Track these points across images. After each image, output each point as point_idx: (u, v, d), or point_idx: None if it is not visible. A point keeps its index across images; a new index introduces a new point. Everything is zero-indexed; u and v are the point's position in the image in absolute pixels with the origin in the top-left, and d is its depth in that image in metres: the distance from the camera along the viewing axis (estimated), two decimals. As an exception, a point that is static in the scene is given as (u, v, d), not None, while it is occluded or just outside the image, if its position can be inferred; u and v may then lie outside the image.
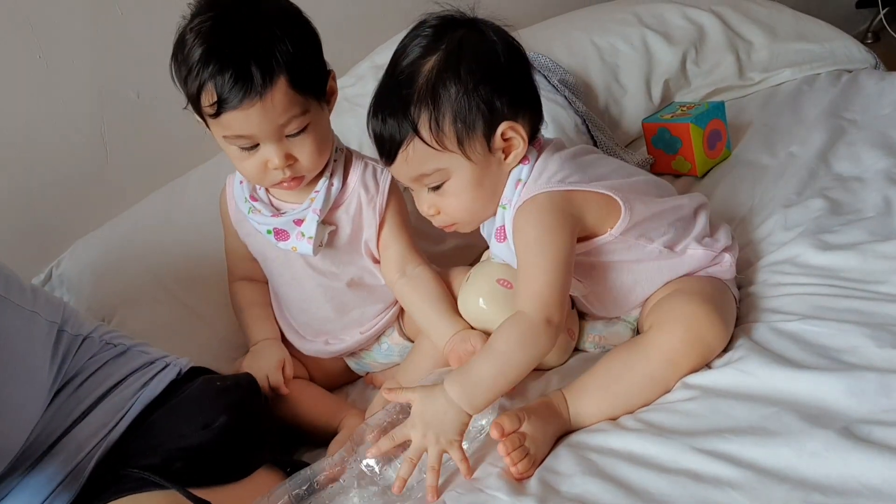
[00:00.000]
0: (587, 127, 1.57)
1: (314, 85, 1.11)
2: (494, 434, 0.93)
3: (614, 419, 0.97)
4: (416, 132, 1.00)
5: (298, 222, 1.18)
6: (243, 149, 1.10)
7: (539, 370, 1.12)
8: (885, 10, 2.68)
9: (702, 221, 1.11)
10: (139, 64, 1.59)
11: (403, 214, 1.24)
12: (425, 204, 1.08)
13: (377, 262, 1.25)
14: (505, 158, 1.05)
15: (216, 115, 1.06)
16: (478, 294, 1.14)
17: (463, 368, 0.98)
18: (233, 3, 1.09)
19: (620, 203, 1.03)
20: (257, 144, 1.09)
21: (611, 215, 1.04)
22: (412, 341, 1.28)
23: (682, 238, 1.08)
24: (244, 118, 1.05)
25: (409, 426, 0.96)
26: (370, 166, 1.22)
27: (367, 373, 1.36)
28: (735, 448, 0.84)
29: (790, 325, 1.00)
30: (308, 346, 1.29)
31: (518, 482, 0.91)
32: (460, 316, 1.17)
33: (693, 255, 1.08)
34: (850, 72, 1.77)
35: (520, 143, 1.04)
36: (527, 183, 1.05)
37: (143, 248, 1.48)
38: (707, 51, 1.79)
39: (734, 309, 1.07)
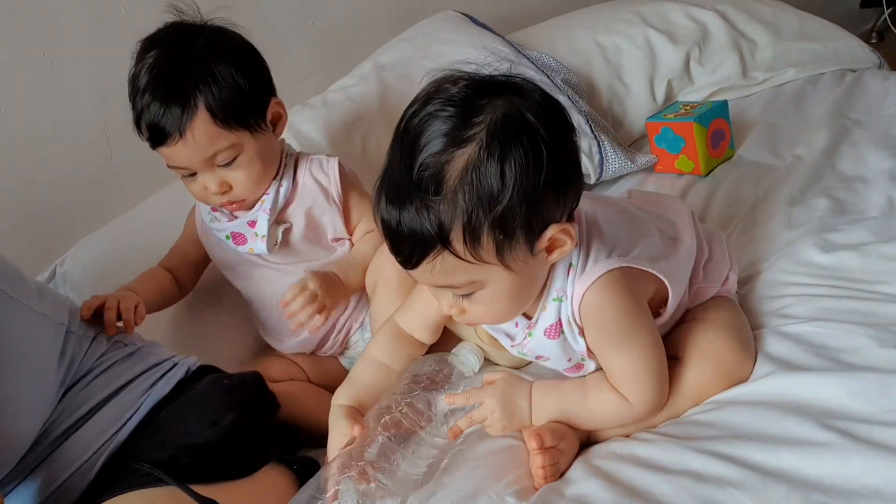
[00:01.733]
0: (590, 127, 1.57)
1: (242, 117, 1.15)
2: (534, 444, 0.91)
3: (629, 435, 0.97)
4: (447, 246, 0.81)
5: (252, 224, 1.23)
6: (184, 176, 1.18)
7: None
8: (889, 10, 2.68)
9: (715, 254, 1.08)
10: (143, 63, 1.59)
11: (359, 189, 1.30)
12: (447, 304, 0.90)
13: (335, 247, 1.29)
14: (548, 256, 0.87)
15: (153, 147, 1.15)
16: None
17: (557, 388, 0.96)
18: (171, 40, 1.16)
19: (668, 286, 0.95)
20: (195, 173, 1.17)
21: (659, 291, 0.97)
22: None
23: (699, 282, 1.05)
24: (172, 153, 1.15)
25: (487, 394, 0.95)
26: (315, 160, 1.27)
27: None
28: (737, 450, 0.84)
29: (793, 327, 1.00)
30: (287, 345, 1.32)
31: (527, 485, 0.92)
32: None
33: (706, 290, 1.05)
34: (854, 71, 1.76)
35: (567, 242, 0.86)
36: (582, 268, 0.91)
37: (147, 246, 1.48)
38: (711, 50, 1.79)
39: (748, 325, 1.05)
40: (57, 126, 1.54)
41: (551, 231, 0.84)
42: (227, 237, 1.26)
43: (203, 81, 1.12)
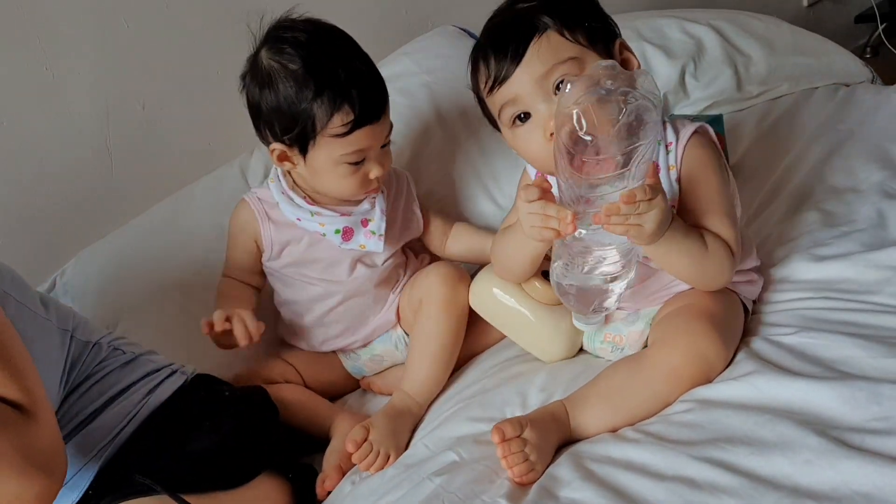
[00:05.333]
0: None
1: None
2: (495, 438, 0.94)
3: (615, 430, 0.98)
4: (551, 25, 0.98)
5: (365, 222, 1.28)
6: (351, 164, 1.20)
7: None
8: (883, 26, 2.70)
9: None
10: (145, 76, 1.61)
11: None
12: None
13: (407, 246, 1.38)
14: None
15: (349, 132, 1.17)
16: (491, 284, 1.17)
17: (689, 228, 0.99)
18: (324, 35, 1.21)
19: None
20: (363, 160, 1.21)
21: None
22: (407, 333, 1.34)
23: None
24: (371, 132, 1.19)
25: (659, 196, 0.93)
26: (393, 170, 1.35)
27: (363, 377, 1.39)
28: (730, 456, 0.85)
29: (786, 338, 1.01)
30: (326, 346, 1.36)
31: (518, 486, 0.92)
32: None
33: None
34: (847, 86, 1.78)
35: (634, 63, 1.03)
36: (678, 127, 1.05)
37: (148, 257, 1.49)
38: (706, 64, 1.81)
39: (739, 325, 1.07)
40: (59, 138, 1.55)
41: (619, 43, 1.02)
42: (337, 231, 1.27)
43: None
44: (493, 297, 1.16)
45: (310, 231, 1.28)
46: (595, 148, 0.85)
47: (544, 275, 1.13)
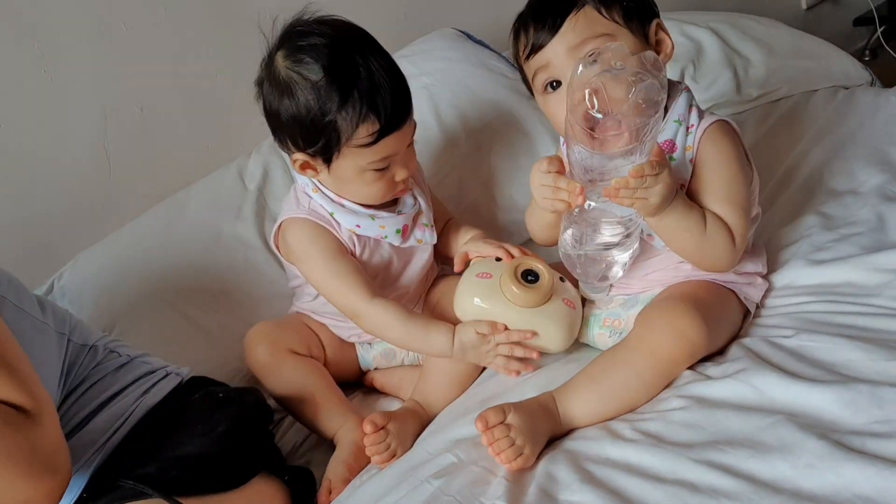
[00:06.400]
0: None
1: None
2: (478, 426, 0.95)
3: (605, 421, 0.99)
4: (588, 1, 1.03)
5: (416, 217, 1.28)
6: (378, 170, 1.18)
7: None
8: (882, 28, 2.70)
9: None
10: (143, 79, 1.61)
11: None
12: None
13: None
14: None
15: (374, 142, 1.14)
16: (472, 294, 1.16)
17: (691, 206, 1.03)
18: (343, 39, 1.16)
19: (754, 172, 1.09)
20: (388, 166, 1.19)
21: None
22: None
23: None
24: (397, 138, 1.17)
25: (666, 171, 0.97)
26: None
27: (368, 371, 1.38)
28: (731, 459, 0.84)
29: (786, 341, 1.01)
30: (356, 339, 1.35)
31: (517, 487, 0.92)
32: None
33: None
34: (846, 88, 1.78)
35: (669, 44, 1.08)
36: (702, 110, 1.09)
37: (145, 260, 1.49)
38: (705, 67, 1.81)
39: (729, 317, 1.09)
40: (57, 141, 1.55)
41: (655, 24, 1.06)
42: (398, 231, 1.25)
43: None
44: (475, 307, 1.16)
45: (372, 236, 1.25)
46: (605, 125, 0.91)
47: (524, 277, 1.14)
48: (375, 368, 1.37)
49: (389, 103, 1.14)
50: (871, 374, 0.89)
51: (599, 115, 0.90)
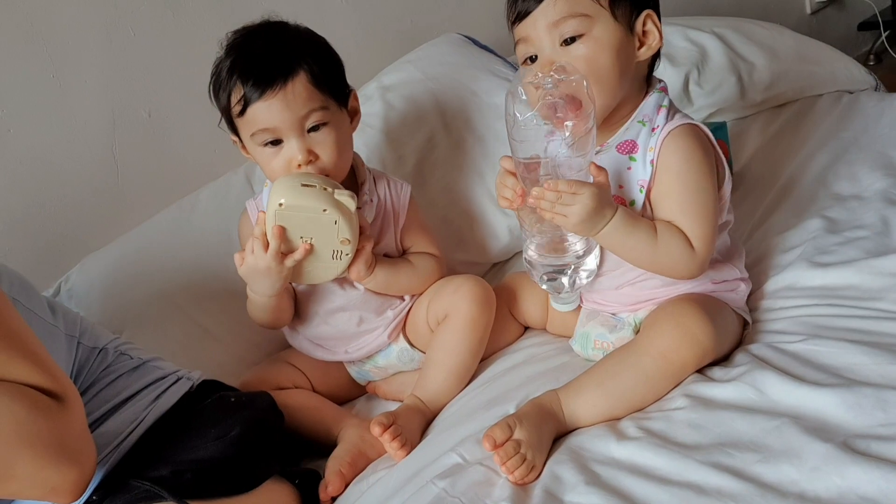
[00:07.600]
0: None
1: (333, 87, 1.21)
2: (487, 446, 0.95)
3: (611, 420, 0.99)
4: None
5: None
6: (267, 144, 1.18)
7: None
8: (886, 33, 2.71)
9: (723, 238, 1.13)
10: (151, 84, 1.62)
11: (420, 219, 1.35)
12: (559, 60, 1.02)
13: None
14: (639, 48, 1.07)
15: (243, 111, 1.16)
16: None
17: (637, 219, 1.03)
18: (258, 28, 1.21)
19: (727, 173, 1.09)
20: (280, 140, 1.17)
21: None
22: (412, 345, 1.32)
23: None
24: (267, 108, 1.15)
25: (588, 191, 0.98)
26: (391, 180, 1.32)
27: (369, 382, 1.38)
28: (736, 462, 0.85)
29: (790, 345, 1.02)
30: (341, 357, 1.34)
31: (522, 489, 0.92)
32: None
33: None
34: (851, 93, 1.79)
35: (656, 38, 1.08)
36: (673, 113, 1.08)
37: (153, 264, 1.50)
38: (709, 71, 1.81)
39: (731, 323, 1.09)
40: (65, 145, 1.56)
41: (645, 14, 1.06)
42: None
43: (306, 47, 1.20)
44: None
45: None
46: (526, 123, 0.97)
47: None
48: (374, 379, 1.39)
49: (252, 70, 1.16)
50: (876, 377, 0.90)
51: (520, 114, 0.97)
